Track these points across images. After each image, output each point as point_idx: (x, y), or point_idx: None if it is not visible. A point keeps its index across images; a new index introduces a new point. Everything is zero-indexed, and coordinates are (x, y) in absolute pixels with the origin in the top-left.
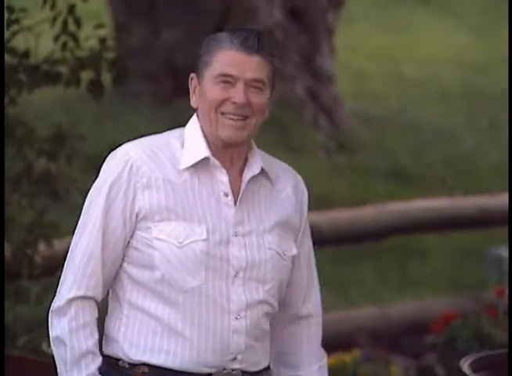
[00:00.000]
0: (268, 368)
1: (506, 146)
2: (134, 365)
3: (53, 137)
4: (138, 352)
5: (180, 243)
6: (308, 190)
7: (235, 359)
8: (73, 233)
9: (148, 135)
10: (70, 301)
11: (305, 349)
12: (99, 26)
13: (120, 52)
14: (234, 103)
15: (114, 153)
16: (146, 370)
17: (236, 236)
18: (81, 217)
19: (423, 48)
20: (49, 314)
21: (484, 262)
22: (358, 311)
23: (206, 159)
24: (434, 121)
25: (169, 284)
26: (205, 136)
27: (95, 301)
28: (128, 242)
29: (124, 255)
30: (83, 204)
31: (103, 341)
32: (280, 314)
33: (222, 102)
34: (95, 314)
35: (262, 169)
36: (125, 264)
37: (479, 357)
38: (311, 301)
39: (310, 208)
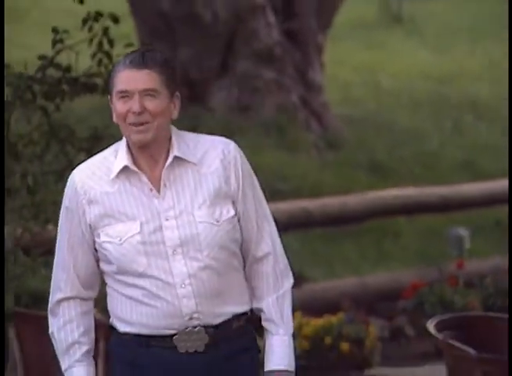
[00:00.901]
0: (241, 314)
1: (467, 145)
2: (122, 333)
3: (90, 137)
4: (121, 324)
5: (120, 240)
6: (302, 182)
7: (191, 318)
8: None
9: None
10: (58, 302)
11: (265, 283)
12: (128, 45)
13: None
14: (134, 112)
15: (69, 178)
16: (130, 337)
17: (167, 220)
18: (58, 238)
19: (396, 63)
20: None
21: (445, 240)
22: (342, 281)
23: (126, 167)
24: (406, 123)
25: (124, 272)
26: (127, 145)
27: (79, 298)
28: (93, 246)
29: (96, 256)
30: None
31: None
32: (245, 259)
33: (126, 114)
34: (79, 309)
35: (177, 157)
36: (100, 262)
37: (442, 319)
38: (263, 242)
39: (303, 196)
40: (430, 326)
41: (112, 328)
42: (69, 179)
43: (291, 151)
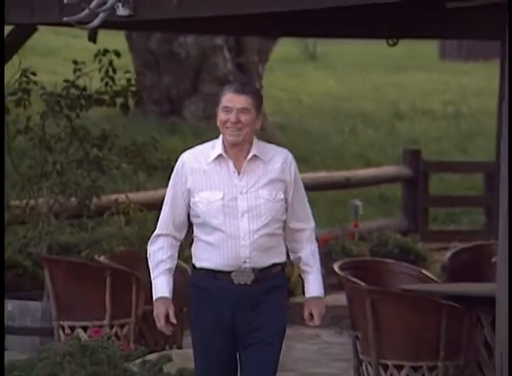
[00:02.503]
0: (278, 264)
1: (360, 143)
2: (199, 268)
3: (100, 136)
4: (198, 262)
5: (207, 202)
6: None
7: (245, 262)
8: (113, 193)
9: (154, 135)
10: (157, 236)
11: (304, 244)
12: (127, 72)
13: (139, 87)
14: (232, 121)
15: (180, 158)
16: (203, 271)
17: (241, 193)
18: (166, 193)
19: (311, 86)
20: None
21: (346, 208)
22: None
23: (220, 155)
24: (318, 127)
25: (206, 224)
26: (223, 142)
27: (171, 235)
28: (188, 204)
29: (188, 210)
30: (118, 175)
31: None
32: (287, 229)
33: (225, 122)
34: (169, 242)
35: (255, 155)
36: (190, 216)
37: (344, 262)
38: (302, 221)
39: None
40: (336, 267)
41: (193, 267)
42: (179, 158)
43: None
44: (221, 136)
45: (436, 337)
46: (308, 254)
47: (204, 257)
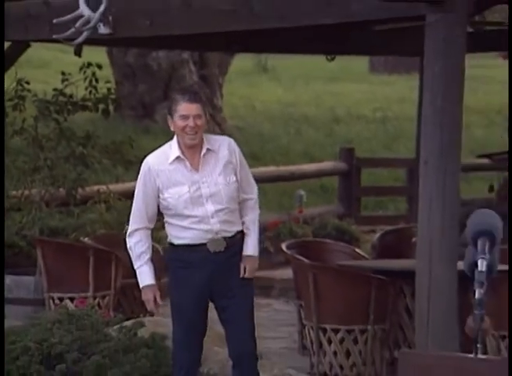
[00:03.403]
0: (240, 231)
1: (304, 142)
2: (176, 245)
3: (85, 136)
4: (176, 240)
5: (177, 197)
6: None
7: (217, 233)
8: (95, 184)
9: (131, 135)
10: (134, 230)
11: (248, 211)
12: (107, 82)
13: (118, 95)
14: (190, 126)
15: (144, 161)
16: (181, 246)
17: (202, 183)
18: (135, 190)
19: (263, 95)
20: (126, 236)
21: (292, 197)
22: None
23: (178, 156)
24: (269, 129)
25: (179, 213)
26: (179, 143)
27: (146, 227)
28: (158, 199)
29: (157, 204)
30: (100, 169)
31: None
32: (239, 202)
33: (184, 127)
34: (145, 234)
35: (208, 149)
36: (160, 207)
37: (290, 242)
38: (247, 193)
39: None
40: (283, 246)
41: (170, 244)
42: (144, 162)
43: None
44: (175, 138)
45: (366, 305)
46: (250, 221)
47: (181, 236)
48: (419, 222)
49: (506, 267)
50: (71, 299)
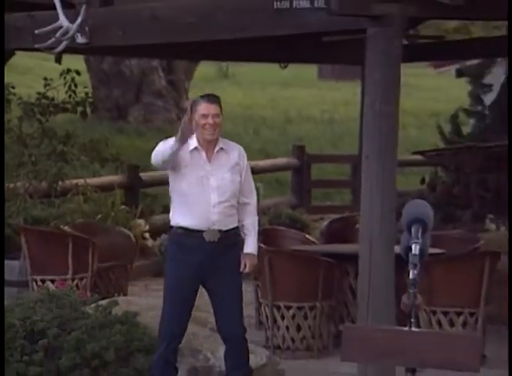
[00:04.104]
0: (235, 228)
1: (262, 140)
2: (177, 227)
3: (65, 135)
4: (177, 223)
5: (189, 178)
6: None
7: (214, 224)
8: (74, 178)
9: (106, 135)
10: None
11: (248, 214)
12: (85, 87)
13: (95, 99)
14: (210, 124)
15: None
16: (181, 230)
17: (212, 175)
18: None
19: (225, 98)
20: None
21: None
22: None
23: (196, 147)
24: (231, 129)
25: (185, 195)
26: (197, 137)
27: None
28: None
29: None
30: (79, 165)
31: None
32: (238, 203)
33: (204, 125)
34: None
35: (221, 148)
36: (174, 188)
37: None
38: (248, 197)
39: None
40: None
41: (172, 227)
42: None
43: None
44: (195, 134)
45: (315, 284)
46: (250, 224)
47: (183, 221)
48: (361, 211)
49: (436, 251)
50: (52, 281)
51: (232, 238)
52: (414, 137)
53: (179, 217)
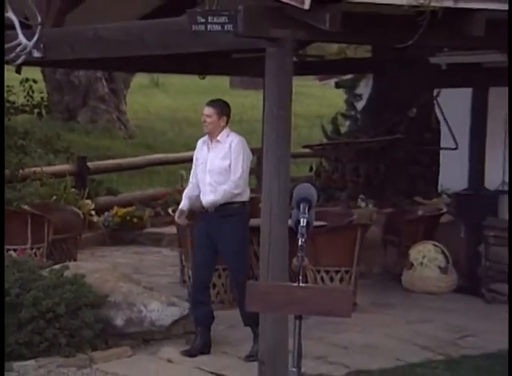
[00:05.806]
0: (230, 203)
1: (186, 137)
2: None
3: (24, 132)
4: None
5: (198, 164)
6: (119, 153)
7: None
8: (33, 167)
9: (59, 132)
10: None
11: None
12: (41, 93)
13: (49, 102)
14: (203, 120)
15: (199, 140)
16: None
17: (209, 161)
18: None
19: (156, 103)
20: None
21: (176, 176)
22: (138, 193)
23: (205, 140)
24: (160, 127)
25: (195, 175)
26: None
27: (194, 184)
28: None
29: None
30: (36, 156)
31: None
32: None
33: (203, 121)
34: (195, 190)
35: (218, 141)
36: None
37: (174, 208)
38: (232, 176)
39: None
40: (170, 210)
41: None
42: (199, 140)
43: (113, 139)
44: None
45: None
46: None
47: (194, 196)
48: (263, 193)
49: (320, 223)
50: (14, 250)
51: (224, 211)
52: (304, 135)
53: (193, 194)
